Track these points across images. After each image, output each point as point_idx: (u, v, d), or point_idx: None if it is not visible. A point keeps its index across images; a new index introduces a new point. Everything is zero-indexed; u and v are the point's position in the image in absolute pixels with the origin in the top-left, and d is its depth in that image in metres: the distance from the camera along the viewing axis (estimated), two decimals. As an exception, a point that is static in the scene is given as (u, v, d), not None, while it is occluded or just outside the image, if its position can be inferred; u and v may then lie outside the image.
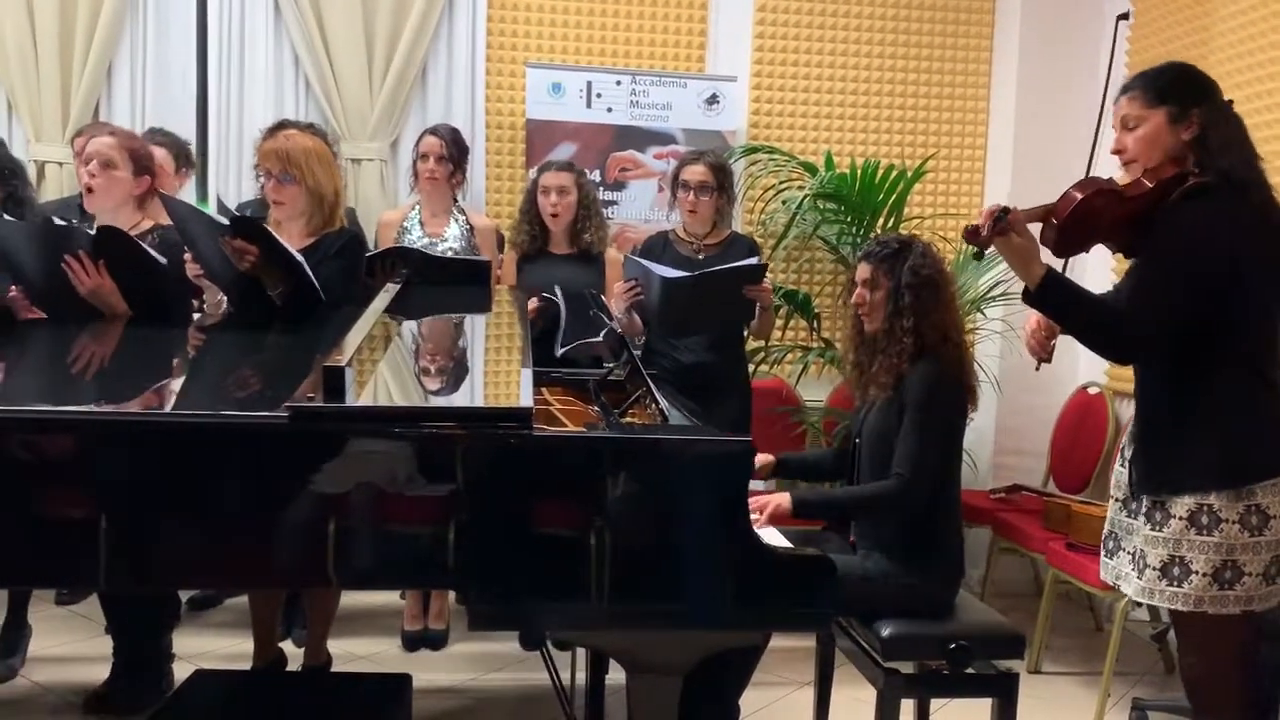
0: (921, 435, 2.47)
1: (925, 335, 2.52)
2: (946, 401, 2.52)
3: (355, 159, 4.26)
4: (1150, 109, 2.19)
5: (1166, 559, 2.16)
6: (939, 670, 2.47)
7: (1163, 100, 2.18)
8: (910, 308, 2.52)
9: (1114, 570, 2.37)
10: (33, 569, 1.81)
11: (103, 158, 2.84)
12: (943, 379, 2.51)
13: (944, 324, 2.54)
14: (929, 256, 2.59)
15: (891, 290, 2.55)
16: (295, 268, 2.63)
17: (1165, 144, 2.18)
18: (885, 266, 2.58)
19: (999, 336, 4.31)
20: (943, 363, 2.52)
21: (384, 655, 3.47)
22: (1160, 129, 2.18)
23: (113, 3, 4.12)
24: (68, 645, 3.44)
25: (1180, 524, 2.15)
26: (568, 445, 1.85)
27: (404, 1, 4.24)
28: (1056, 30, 4.51)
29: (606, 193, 4.31)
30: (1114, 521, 2.38)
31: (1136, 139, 2.20)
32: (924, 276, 2.54)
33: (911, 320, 2.51)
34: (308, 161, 2.83)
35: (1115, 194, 2.19)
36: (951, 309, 2.59)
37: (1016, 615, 3.02)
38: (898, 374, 2.53)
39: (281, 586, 2.86)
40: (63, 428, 1.78)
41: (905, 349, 2.52)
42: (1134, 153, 2.21)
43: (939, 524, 2.53)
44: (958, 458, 2.63)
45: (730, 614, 1.84)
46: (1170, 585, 2.16)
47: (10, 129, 4.13)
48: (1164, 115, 2.18)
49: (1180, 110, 2.17)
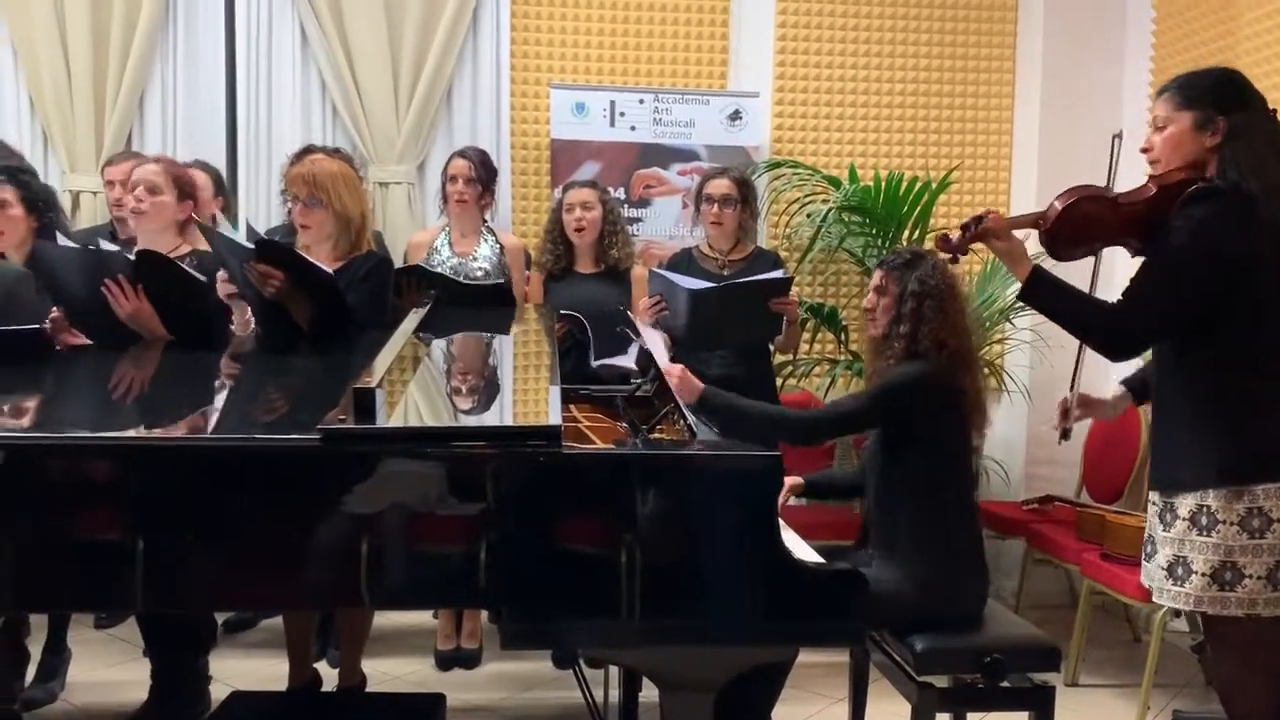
0: (858, 398, 2.63)
1: (919, 342, 2.52)
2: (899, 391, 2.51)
3: (382, 182, 4.31)
4: (1179, 111, 2.21)
5: (1172, 558, 2.19)
6: (974, 684, 2.45)
7: (1191, 104, 2.20)
8: (909, 315, 2.53)
9: (1149, 575, 2.37)
10: (72, 593, 1.83)
11: (148, 183, 2.92)
12: (919, 377, 2.50)
13: (941, 334, 2.52)
14: (940, 270, 2.58)
15: (896, 298, 2.58)
16: (324, 284, 2.66)
17: (1187, 148, 2.20)
18: (895, 275, 2.60)
19: (1028, 346, 4.29)
20: (928, 365, 2.50)
21: (418, 675, 3.48)
22: (1184, 132, 2.20)
23: (144, 36, 4.20)
24: (107, 668, 3.48)
25: (1183, 524, 2.18)
26: (597, 462, 1.86)
27: (428, 25, 4.29)
28: (1079, 38, 4.49)
29: (631, 210, 4.33)
30: (1152, 525, 2.37)
31: (1162, 139, 2.24)
32: (929, 287, 2.55)
33: (908, 327, 2.53)
34: (334, 185, 2.86)
35: (1107, 200, 2.25)
36: (954, 324, 2.55)
37: (1052, 627, 3.00)
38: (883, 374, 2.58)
39: (315, 607, 2.88)
40: (99, 453, 1.80)
41: (895, 353, 2.55)
42: (1158, 153, 2.25)
43: (956, 534, 2.52)
44: (960, 462, 2.61)
45: (762, 630, 1.83)
46: (1174, 585, 2.19)
47: (46, 160, 4.21)
48: (1190, 119, 2.20)
49: (1206, 116, 2.18)
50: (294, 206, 2.88)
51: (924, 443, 2.51)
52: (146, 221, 2.94)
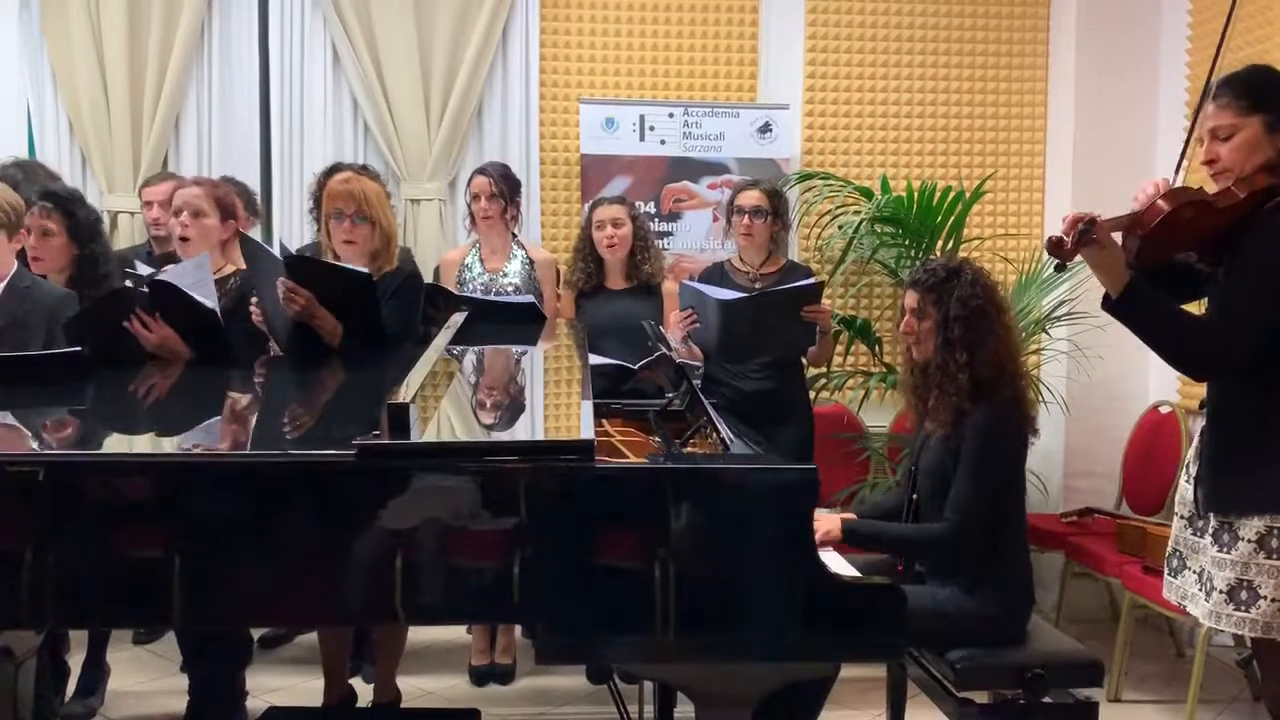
0: (977, 481, 2.42)
1: (981, 370, 2.44)
2: (1006, 445, 2.46)
3: (414, 199, 4.34)
4: (1243, 117, 2.10)
5: (1234, 582, 2.10)
6: (1015, 700, 2.41)
7: (1257, 108, 2.10)
8: (961, 341, 2.44)
9: (1179, 590, 2.32)
10: (111, 609, 1.85)
11: (193, 207, 2.96)
12: (1002, 421, 2.44)
13: (999, 356, 2.46)
14: (979, 284, 2.49)
15: (940, 321, 2.48)
16: (359, 285, 2.69)
17: (1261, 153, 2.10)
18: (933, 296, 2.50)
19: (1065, 356, 4.24)
20: (1002, 401, 2.44)
21: (452, 691, 3.48)
22: (1257, 137, 2.10)
23: (179, 58, 4.26)
24: (145, 683, 3.50)
25: (1249, 546, 2.08)
26: (630, 476, 1.85)
27: (459, 43, 4.32)
28: (1113, 46, 4.45)
29: (662, 224, 4.33)
30: (1179, 540, 2.32)
31: (1231, 149, 2.12)
32: (974, 307, 2.45)
33: (965, 355, 2.43)
34: (380, 202, 2.92)
35: (1205, 204, 2.11)
36: (1007, 338, 2.50)
37: (1093, 642, 2.95)
38: (957, 410, 2.46)
39: (350, 623, 2.88)
40: (136, 470, 1.82)
41: (962, 386, 2.44)
42: (1227, 162, 2.13)
43: (1004, 552, 2.47)
44: (1019, 486, 2.56)
45: (798, 645, 1.81)
46: (1237, 610, 2.09)
47: (84, 181, 4.28)
48: (1260, 123, 2.10)
49: (1276, 119, 2.10)
50: (339, 223, 2.90)
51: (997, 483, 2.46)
52: (194, 246, 2.98)
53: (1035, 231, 4.64)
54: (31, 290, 2.80)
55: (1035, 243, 4.60)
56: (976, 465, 2.42)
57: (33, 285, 2.82)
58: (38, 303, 2.78)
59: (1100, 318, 3.90)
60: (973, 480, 2.42)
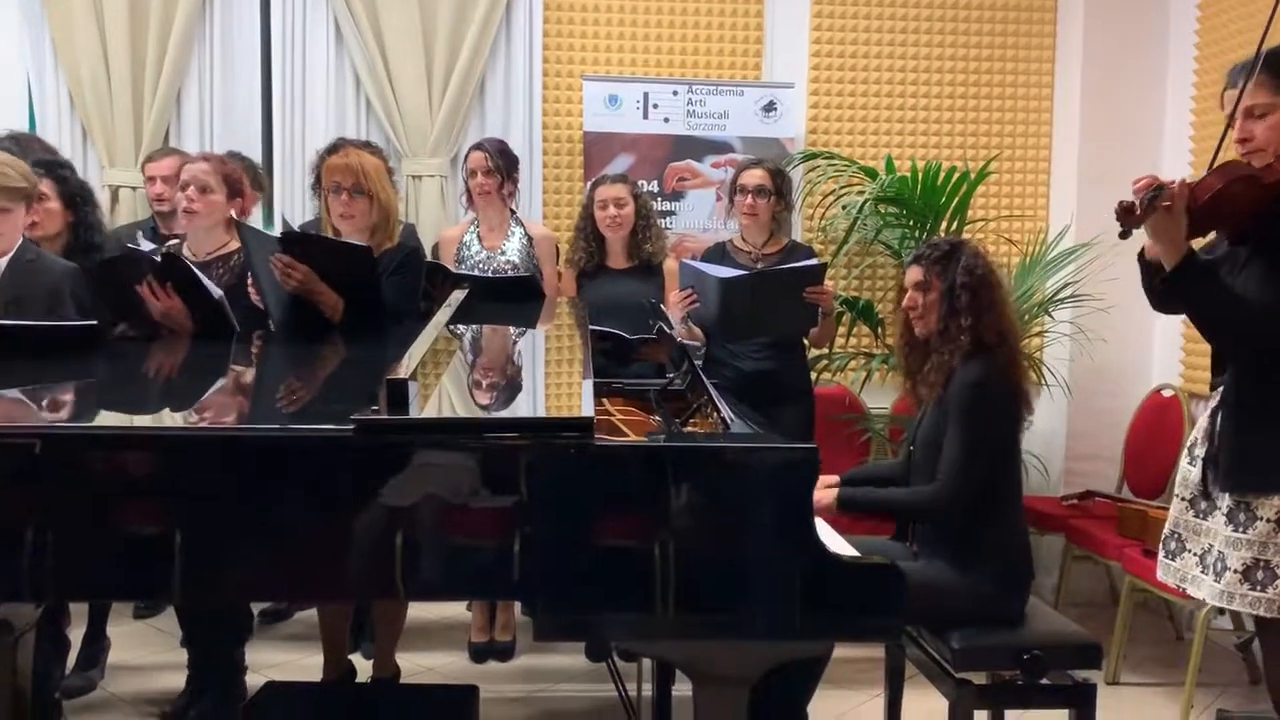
0: (964, 442, 2.43)
1: (983, 334, 2.47)
2: (992, 407, 2.46)
3: (416, 175, 4.32)
4: (1276, 94, 2.09)
5: (1250, 562, 2.09)
6: (1013, 681, 2.41)
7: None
8: (968, 307, 2.47)
9: (1177, 572, 2.32)
10: (111, 583, 1.85)
11: (200, 182, 2.96)
12: (988, 382, 2.45)
13: (1001, 324, 2.50)
14: (981, 257, 2.55)
15: (945, 291, 2.51)
16: (358, 260, 2.68)
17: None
18: (938, 268, 2.53)
19: (1068, 339, 4.22)
20: (992, 364, 2.46)
21: (451, 667, 3.49)
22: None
23: (181, 32, 4.23)
24: (145, 657, 3.51)
25: (1268, 526, 2.08)
26: (629, 454, 1.84)
27: (462, 19, 4.30)
28: (1121, 26, 4.41)
29: (665, 203, 4.31)
30: (1178, 522, 2.33)
31: (1268, 127, 2.10)
32: (979, 276, 2.50)
33: (969, 319, 2.47)
34: (379, 177, 2.91)
35: (1254, 179, 2.10)
36: (1006, 309, 2.54)
37: (1092, 624, 2.95)
38: (948, 371, 2.49)
39: (349, 598, 2.89)
40: (136, 443, 1.81)
41: (960, 347, 2.48)
42: (1263, 140, 2.12)
43: (1000, 530, 2.48)
44: (1012, 461, 2.56)
45: (797, 624, 1.81)
46: (1253, 589, 2.09)
47: (85, 155, 4.26)
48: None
49: None
50: (337, 196, 2.89)
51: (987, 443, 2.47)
52: (198, 220, 2.98)
53: (1040, 213, 4.62)
54: (37, 263, 2.79)
55: (1040, 224, 4.58)
56: (963, 420, 2.44)
57: (38, 258, 2.81)
58: (43, 276, 2.77)
59: (1104, 300, 3.92)
60: (961, 437, 2.44)
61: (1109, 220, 2.16)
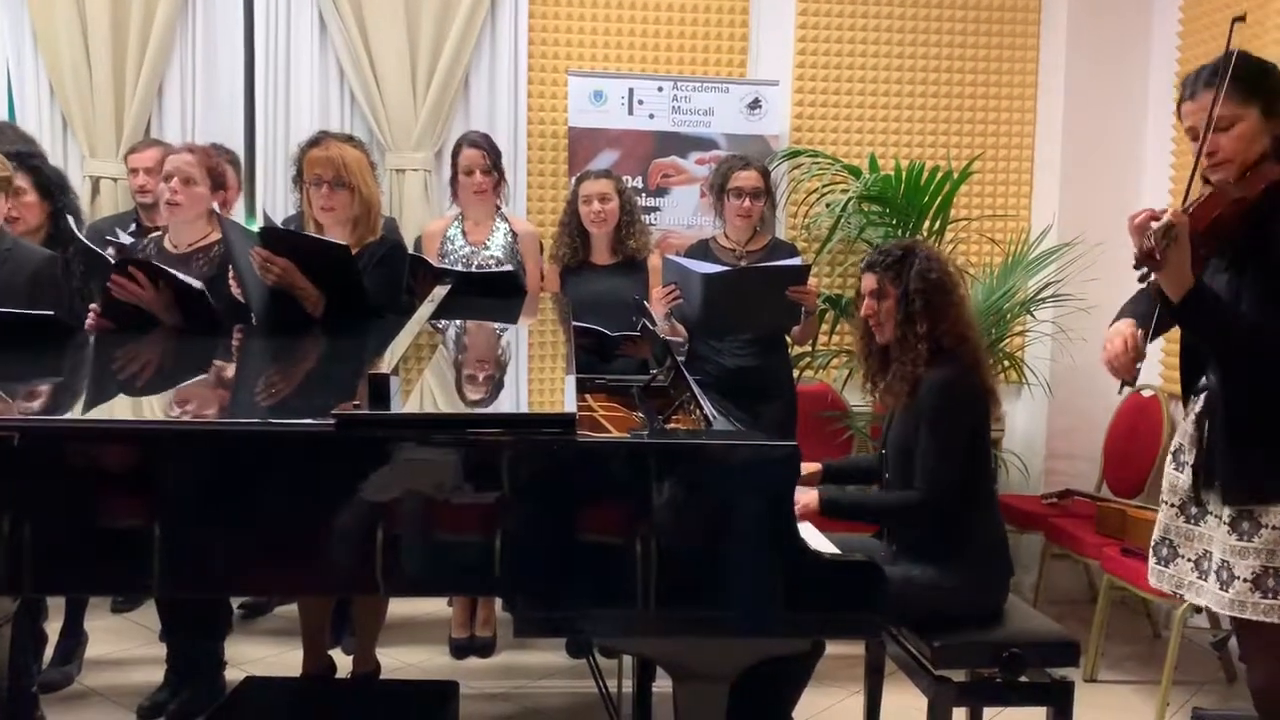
0: (939, 448, 2.43)
1: (942, 339, 2.47)
2: (962, 408, 2.47)
3: (399, 169, 4.30)
4: (1243, 107, 2.10)
5: (1259, 570, 2.09)
6: (991, 679, 2.42)
7: (1255, 94, 2.10)
8: (922, 313, 2.46)
9: (1172, 579, 2.32)
10: (89, 576, 1.83)
11: (184, 174, 2.93)
12: (956, 385, 2.46)
13: (958, 326, 2.49)
14: (935, 259, 2.53)
15: (900, 298, 2.50)
16: (336, 258, 2.67)
17: (1260, 141, 2.10)
18: (891, 274, 2.52)
19: (1049, 339, 4.25)
20: (958, 366, 2.47)
21: (432, 663, 3.49)
22: (1257, 125, 2.10)
23: (163, 23, 4.20)
24: (123, 651, 3.49)
25: (1274, 534, 2.08)
26: (611, 450, 1.84)
27: (447, 12, 4.28)
28: (1104, 27, 4.43)
29: (649, 199, 4.31)
30: (1168, 528, 2.32)
31: (1232, 139, 2.10)
32: (933, 280, 2.48)
33: (925, 326, 2.46)
34: (360, 170, 2.89)
35: (1241, 200, 2.09)
36: (964, 309, 2.53)
37: (1071, 622, 2.97)
38: (914, 380, 2.48)
39: (329, 593, 2.88)
40: (116, 436, 1.80)
41: (920, 355, 2.47)
42: (1228, 152, 2.11)
43: (977, 528, 2.49)
44: (985, 460, 2.57)
45: (777, 621, 1.81)
46: (1265, 597, 2.09)
47: (66, 146, 4.23)
48: (1258, 110, 2.10)
49: (1270, 104, 2.10)
50: (317, 189, 2.88)
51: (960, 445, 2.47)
52: (181, 213, 2.96)
53: (1022, 213, 4.64)
54: (13, 252, 2.77)
55: (1022, 224, 4.60)
56: (936, 423, 2.44)
57: (14, 247, 2.79)
58: (20, 265, 2.75)
59: (1085, 300, 3.94)
60: (934, 439, 2.44)
61: (1091, 220, 2.17)
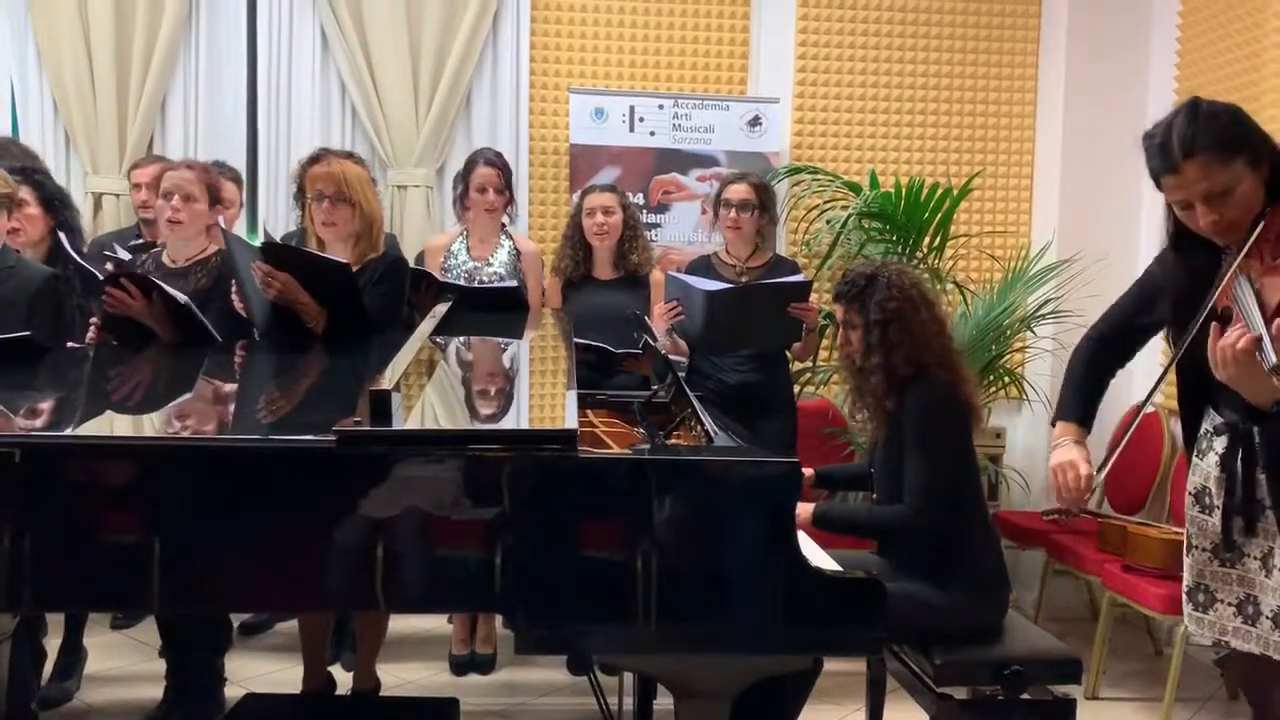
0: (924, 465, 2.44)
1: (897, 369, 2.47)
2: (942, 427, 2.47)
3: (401, 185, 4.31)
4: (1229, 165, 1.94)
5: None
6: (993, 696, 2.42)
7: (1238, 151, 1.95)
8: (879, 345, 2.48)
9: (1214, 625, 2.20)
10: (89, 593, 1.83)
11: (183, 191, 2.94)
12: (931, 404, 2.47)
13: (918, 353, 2.48)
14: (895, 285, 2.50)
15: (864, 328, 2.51)
16: (337, 275, 2.68)
17: (1256, 194, 1.97)
18: (855, 305, 2.53)
19: (1050, 355, 4.25)
20: (928, 386, 2.47)
21: (432, 680, 3.47)
22: (1253, 181, 1.96)
23: (166, 38, 4.22)
24: (123, 668, 3.48)
25: None
26: (612, 466, 1.85)
27: (448, 29, 4.30)
28: (1103, 42, 4.45)
29: (650, 216, 4.32)
30: (1202, 573, 2.22)
31: (1235, 204, 1.96)
32: (890, 310, 2.48)
33: (880, 357, 2.48)
34: (361, 185, 2.91)
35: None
36: (926, 334, 2.50)
37: (1072, 639, 2.95)
38: (883, 411, 2.51)
39: (330, 609, 2.88)
40: (116, 453, 1.80)
41: (876, 387, 2.49)
42: (1233, 218, 1.97)
43: (969, 544, 2.49)
44: (972, 476, 2.58)
45: (778, 638, 1.81)
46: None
47: (68, 162, 4.24)
48: (1244, 165, 1.95)
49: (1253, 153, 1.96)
50: (318, 204, 2.89)
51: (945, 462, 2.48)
52: (182, 230, 2.96)
53: (1022, 229, 4.65)
54: (16, 270, 2.77)
55: (1022, 240, 4.61)
56: (920, 443, 2.45)
57: (17, 265, 2.80)
58: (23, 282, 2.75)
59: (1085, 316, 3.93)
60: (920, 459, 2.44)
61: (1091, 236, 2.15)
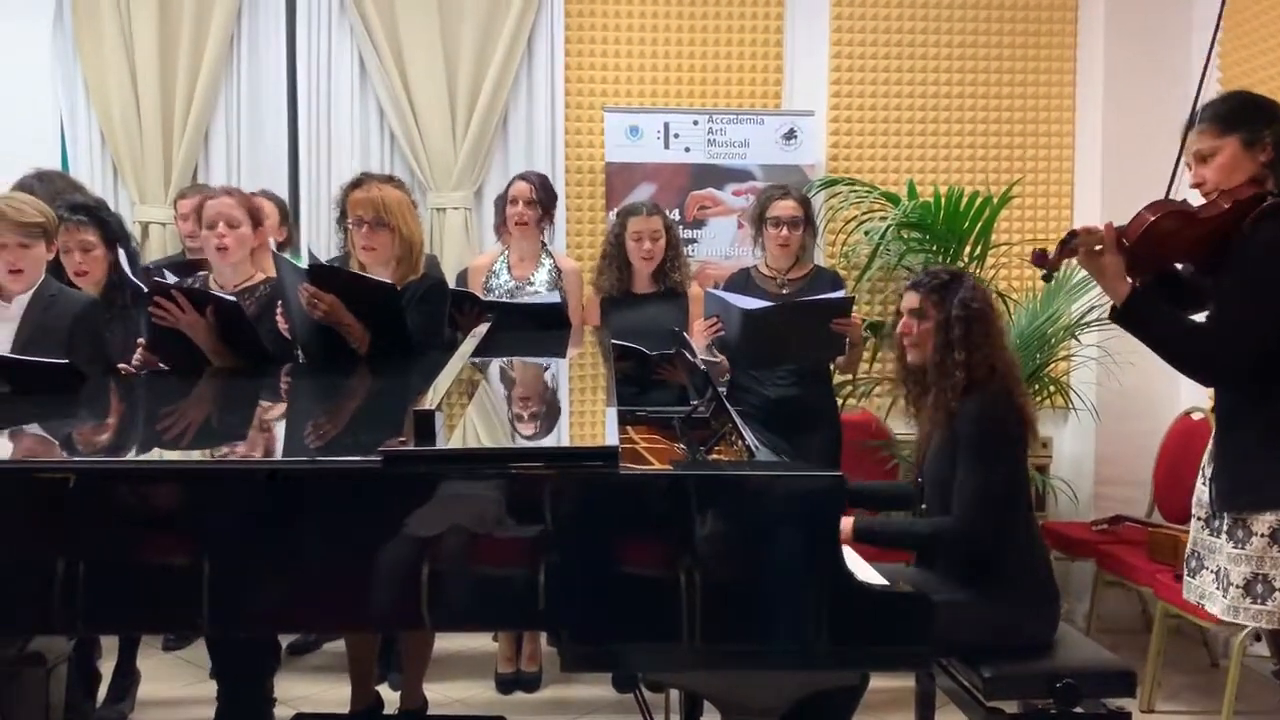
0: (977, 474, 2.44)
1: (975, 369, 2.49)
2: (1000, 437, 2.48)
3: (440, 208, 4.36)
4: (1221, 138, 2.23)
5: (1250, 576, 2.19)
6: (1045, 710, 2.38)
7: (1233, 127, 2.23)
8: (961, 341, 2.49)
9: (1197, 590, 2.38)
10: (140, 615, 1.86)
11: (227, 218, 2.98)
12: (991, 414, 2.47)
13: (992, 358, 2.52)
14: (979, 290, 2.58)
15: (941, 322, 2.53)
16: (382, 296, 2.71)
17: (1243, 169, 2.22)
18: (935, 297, 2.56)
19: (1095, 363, 4.19)
20: (989, 396, 2.49)
21: (479, 699, 3.48)
22: (1236, 155, 2.22)
23: (209, 71, 4.31)
24: (174, 690, 3.52)
25: (1263, 541, 2.17)
26: (654, 483, 1.85)
27: (484, 53, 4.35)
28: (1142, 49, 4.40)
29: (687, 231, 4.32)
30: (1196, 540, 2.39)
31: (1215, 169, 2.24)
32: (975, 310, 2.52)
33: (963, 354, 2.49)
34: (401, 210, 2.94)
35: (1187, 215, 2.23)
36: (1000, 343, 2.57)
37: (1126, 651, 2.92)
38: (949, 410, 2.51)
39: (376, 629, 2.89)
40: (165, 476, 1.83)
41: (957, 383, 2.49)
42: (1214, 182, 2.24)
43: (1016, 555, 2.48)
44: (1023, 488, 2.58)
45: (825, 654, 1.79)
46: (1254, 603, 2.19)
47: (116, 192, 4.33)
48: (1237, 141, 2.22)
49: (1251, 134, 2.21)
50: (358, 229, 2.93)
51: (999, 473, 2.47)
52: (229, 256, 2.99)
53: (1064, 236, 4.60)
54: (58, 298, 2.83)
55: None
56: (973, 454, 2.45)
57: (59, 294, 2.85)
58: (63, 310, 2.81)
59: (1130, 323, 3.88)
60: (972, 470, 2.45)
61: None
